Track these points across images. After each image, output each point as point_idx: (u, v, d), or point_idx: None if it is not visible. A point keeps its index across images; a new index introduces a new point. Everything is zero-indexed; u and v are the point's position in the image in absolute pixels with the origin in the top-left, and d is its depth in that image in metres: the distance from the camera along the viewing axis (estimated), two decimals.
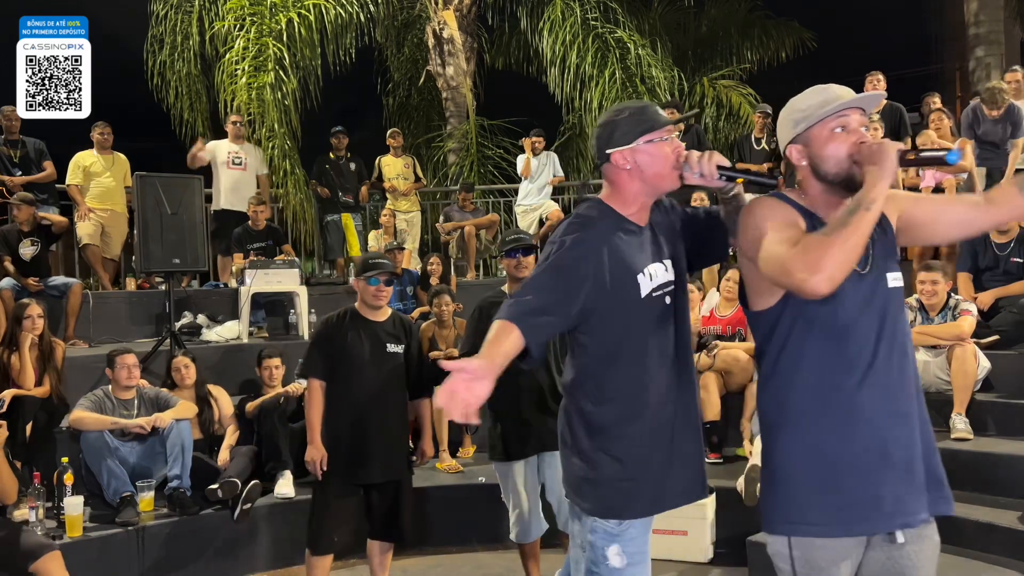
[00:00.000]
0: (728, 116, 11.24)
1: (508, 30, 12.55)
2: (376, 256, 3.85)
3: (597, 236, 2.00)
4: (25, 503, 3.96)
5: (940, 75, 15.09)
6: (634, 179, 2.05)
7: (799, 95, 1.84)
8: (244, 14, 9.85)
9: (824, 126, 1.76)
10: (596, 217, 2.05)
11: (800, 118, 1.80)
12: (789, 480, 1.79)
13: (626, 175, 2.05)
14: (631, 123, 2.04)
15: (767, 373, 1.86)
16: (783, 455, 1.81)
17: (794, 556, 1.79)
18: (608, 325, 2.02)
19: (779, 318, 1.80)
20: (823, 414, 1.76)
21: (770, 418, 1.85)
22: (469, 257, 8.31)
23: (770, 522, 1.84)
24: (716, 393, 5.12)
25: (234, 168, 7.66)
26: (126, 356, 4.59)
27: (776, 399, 1.83)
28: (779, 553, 1.83)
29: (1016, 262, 5.22)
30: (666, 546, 4.39)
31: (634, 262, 2.02)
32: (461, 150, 11.26)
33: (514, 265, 3.66)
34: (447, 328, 5.91)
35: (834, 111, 1.75)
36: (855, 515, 1.74)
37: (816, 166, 1.79)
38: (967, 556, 3.65)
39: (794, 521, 1.78)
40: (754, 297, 1.86)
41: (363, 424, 3.54)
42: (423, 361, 3.79)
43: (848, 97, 1.77)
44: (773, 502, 1.83)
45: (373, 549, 3.74)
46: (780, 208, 1.80)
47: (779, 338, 1.80)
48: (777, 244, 1.68)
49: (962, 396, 4.47)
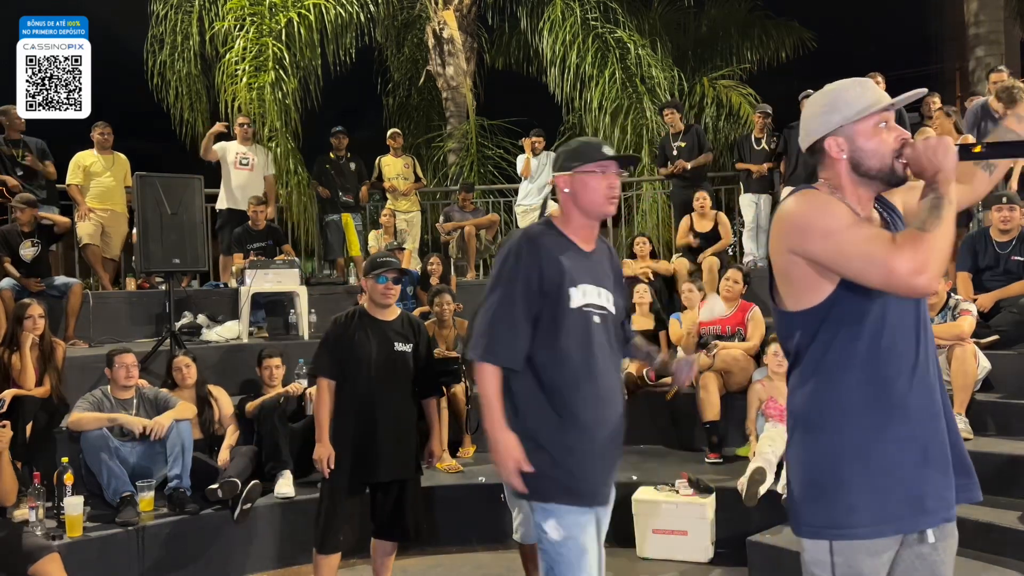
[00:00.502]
0: (728, 116, 11.25)
1: (508, 30, 12.56)
2: (384, 255, 3.85)
3: (539, 248, 2.32)
4: (25, 503, 3.96)
5: (940, 75, 15.10)
6: (571, 203, 2.39)
7: (836, 87, 1.81)
8: (244, 14, 9.84)
9: (868, 121, 1.74)
10: (539, 233, 2.38)
11: (848, 111, 1.76)
12: (837, 483, 1.72)
13: (566, 198, 2.39)
14: (572, 154, 2.39)
15: (806, 373, 1.78)
16: (828, 457, 1.74)
17: (836, 562, 1.72)
18: (543, 330, 2.31)
19: (826, 316, 1.73)
20: (873, 413, 1.71)
21: (811, 419, 1.77)
22: (469, 257, 8.32)
23: (811, 528, 1.75)
24: (716, 393, 5.12)
25: (242, 168, 7.72)
26: (125, 356, 4.59)
27: (820, 399, 1.76)
28: (818, 561, 1.75)
29: (1017, 261, 5.21)
30: (666, 546, 4.39)
31: (570, 276, 2.31)
32: (461, 150, 11.26)
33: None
34: (447, 328, 5.91)
35: (885, 107, 1.74)
36: (903, 513, 1.71)
37: (859, 161, 1.76)
38: (967, 556, 3.64)
39: (841, 525, 1.71)
40: (796, 296, 1.78)
41: (371, 423, 3.54)
42: (432, 361, 3.79)
43: (886, 95, 1.76)
44: (814, 507, 1.74)
45: (377, 549, 3.74)
46: (838, 204, 1.73)
47: (825, 337, 1.74)
48: (867, 242, 1.62)
49: (962, 396, 4.47)
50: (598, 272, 2.43)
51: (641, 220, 10.19)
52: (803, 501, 1.78)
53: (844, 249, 1.65)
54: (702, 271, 6.94)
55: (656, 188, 9.89)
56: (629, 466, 4.88)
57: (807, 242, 1.70)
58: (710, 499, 4.41)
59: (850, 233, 1.65)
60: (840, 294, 1.71)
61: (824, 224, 1.68)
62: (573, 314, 2.31)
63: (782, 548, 3.78)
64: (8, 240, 6.12)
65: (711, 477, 4.60)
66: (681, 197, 7.85)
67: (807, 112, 1.85)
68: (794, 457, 1.83)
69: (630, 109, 10.13)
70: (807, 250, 1.70)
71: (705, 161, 7.90)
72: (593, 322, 2.35)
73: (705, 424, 5.14)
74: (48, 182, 7.07)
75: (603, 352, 2.37)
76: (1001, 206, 5.29)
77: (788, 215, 1.76)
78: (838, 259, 1.67)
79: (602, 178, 2.36)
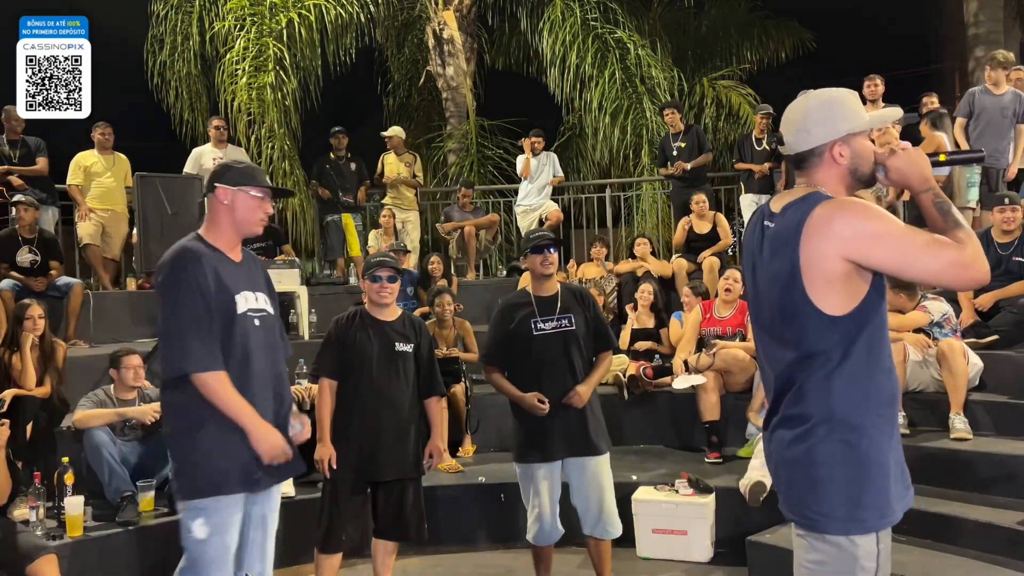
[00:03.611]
0: (728, 116, 11.25)
1: (508, 30, 12.55)
2: (380, 255, 3.85)
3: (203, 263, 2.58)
4: (25, 503, 3.96)
5: (939, 75, 15.09)
6: (228, 216, 2.67)
7: (835, 96, 1.92)
8: (244, 14, 9.86)
9: (867, 132, 1.92)
10: (200, 249, 2.62)
11: (854, 122, 1.88)
12: (884, 472, 1.82)
13: (225, 210, 2.66)
14: (242, 174, 2.70)
15: (841, 371, 1.82)
16: (874, 449, 1.82)
17: (880, 551, 1.82)
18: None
19: (863, 318, 1.82)
20: (893, 405, 1.91)
21: (849, 418, 1.81)
22: (469, 257, 8.32)
23: (861, 522, 1.81)
24: (716, 393, 5.12)
25: None
26: (131, 357, 4.58)
27: (857, 395, 1.83)
28: (869, 552, 1.81)
29: (1018, 261, 5.22)
30: (666, 546, 4.40)
31: (232, 285, 2.62)
32: (461, 150, 11.27)
33: (540, 261, 3.67)
34: (447, 328, 5.91)
35: (886, 121, 1.98)
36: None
37: (856, 167, 1.89)
38: (967, 556, 3.65)
39: (886, 514, 1.83)
40: (841, 300, 1.81)
41: (372, 423, 3.54)
42: (433, 360, 3.79)
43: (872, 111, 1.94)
44: (862, 500, 1.80)
45: (377, 548, 3.74)
46: (877, 208, 1.84)
47: (864, 337, 1.82)
48: (929, 244, 1.74)
49: (956, 396, 4.48)
50: (253, 279, 2.76)
51: (641, 220, 10.20)
52: (847, 499, 1.81)
53: (911, 252, 1.75)
54: (702, 271, 6.94)
55: (656, 188, 9.89)
56: (629, 466, 4.89)
57: (870, 248, 1.76)
58: (710, 499, 4.41)
59: (912, 236, 1.76)
60: (872, 296, 1.82)
61: (886, 230, 1.76)
62: (239, 319, 2.62)
63: (782, 548, 3.77)
64: (6, 246, 6.12)
65: (711, 477, 4.60)
66: (681, 197, 7.86)
67: (802, 116, 1.91)
68: (832, 456, 1.82)
69: (630, 109, 10.14)
70: (869, 256, 1.77)
71: (705, 161, 7.90)
72: (255, 324, 2.67)
73: (705, 424, 5.14)
74: (46, 182, 7.07)
75: (270, 355, 2.73)
76: (1004, 207, 5.29)
77: (840, 224, 1.79)
78: (904, 261, 1.77)
79: (261, 203, 2.70)
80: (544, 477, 3.63)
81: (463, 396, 5.51)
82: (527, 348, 3.64)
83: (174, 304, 2.53)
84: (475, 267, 8.56)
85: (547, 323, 3.65)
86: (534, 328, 3.64)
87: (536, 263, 3.68)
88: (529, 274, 3.89)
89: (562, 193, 9.45)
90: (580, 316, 3.68)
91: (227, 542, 2.59)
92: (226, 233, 2.68)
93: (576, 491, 3.68)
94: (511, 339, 3.69)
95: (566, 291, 3.75)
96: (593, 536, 3.70)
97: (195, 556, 2.57)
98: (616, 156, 10.40)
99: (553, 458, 3.62)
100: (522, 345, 3.65)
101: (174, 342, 2.53)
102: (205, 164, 7.56)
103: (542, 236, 3.71)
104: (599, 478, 3.64)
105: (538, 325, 3.64)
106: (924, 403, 4.74)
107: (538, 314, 3.66)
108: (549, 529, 3.68)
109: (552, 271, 3.70)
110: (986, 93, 6.64)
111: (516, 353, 3.68)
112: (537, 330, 3.64)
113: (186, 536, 2.57)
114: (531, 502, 3.68)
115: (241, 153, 8.03)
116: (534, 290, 3.75)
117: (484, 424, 5.70)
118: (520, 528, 4.02)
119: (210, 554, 2.56)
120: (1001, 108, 6.55)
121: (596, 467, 3.63)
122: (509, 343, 3.70)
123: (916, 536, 3.78)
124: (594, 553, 3.76)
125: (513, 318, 3.69)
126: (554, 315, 3.66)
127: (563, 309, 3.67)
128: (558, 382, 3.59)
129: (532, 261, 3.71)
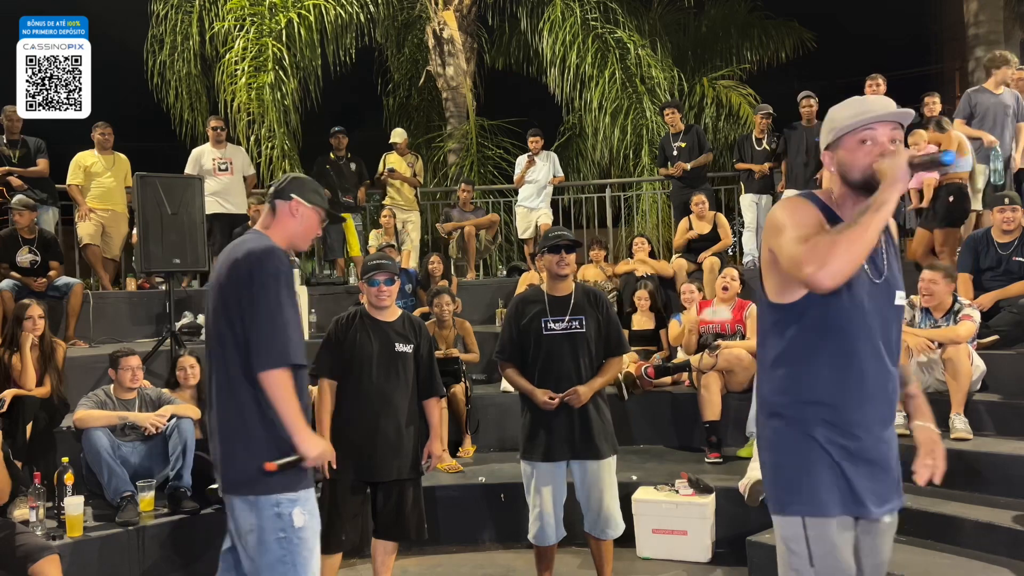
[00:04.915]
0: (728, 116, 11.25)
1: (508, 30, 12.55)
2: (378, 257, 3.85)
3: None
4: (25, 503, 3.96)
5: (940, 75, 15.10)
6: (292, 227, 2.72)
7: (839, 105, 2.00)
8: (244, 14, 9.86)
9: (853, 137, 1.92)
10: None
11: (833, 128, 1.97)
12: (806, 464, 1.96)
13: (292, 221, 2.71)
14: (316, 194, 2.76)
15: (778, 359, 2.00)
16: (799, 441, 1.97)
17: (810, 537, 1.94)
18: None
19: (805, 310, 1.93)
20: (843, 412, 1.99)
21: (775, 407, 2.01)
22: (469, 257, 8.32)
23: (783, 505, 1.99)
24: (717, 393, 5.12)
25: (221, 174, 7.56)
26: (130, 358, 4.58)
27: (787, 385, 2.00)
28: (795, 535, 1.95)
29: (1018, 261, 5.20)
30: (666, 546, 4.39)
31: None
32: (461, 150, 11.27)
33: (555, 262, 3.66)
34: (447, 328, 5.91)
35: (861, 124, 1.90)
36: (873, 497, 2.01)
37: (844, 173, 1.96)
38: (967, 556, 3.65)
39: (813, 503, 1.95)
40: (771, 284, 1.99)
41: (371, 423, 3.54)
42: (433, 361, 3.79)
43: (879, 111, 1.90)
44: (783, 484, 2.00)
45: (377, 549, 3.74)
46: (802, 207, 1.96)
47: (804, 330, 1.94)
48: (794, 241, 1.84)
49: (959, 396, 4.47)
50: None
51: (641, 220, 10.20)
52: (776, 481, 2.02)
53: (780, 248, 1.88)
54: (702, 271, 6.94)
55: (656, 188, 9.89)
56: (629, 466, 4.89)
57: (770, 239, 1.94)
58: (710, 499, 4.41)
59: (788, 233, 1.87)
60: (811, 295, 1.89)
61: (780, 225, 1.90)
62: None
63: None
64: (6, 246, 6.12)
65: (711, 477, 4.60)
66: (681, 197, 7.85)
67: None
68: (762, 440, 2.07)
69: (630, 109, 10.14)
70: (770, 245, 1.94)
71: (705, 161, 7.90)
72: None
73: (705, 424, 5.14)
74: (46, 182, 7.07)
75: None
76: (1004, 207, 5.28)
77: (769, 216, 2.01)
78: (779, 256, 1.89)
79: (319, 227, 2.85)
80: (546, 476, 3.64)
81: (463, 396, 5.50)
82: (536, 346, 3.65)
83: (277, 295, 2.49)
84: (475, 267, 8.56)
85: (557, 323, 3.65)
86: (544, 327, 3.65)
87: (552, 263, 3.68)
88: (535, 274, 3.89)
89: (562, 193, 9.45)
90: (592, 319, 3.67)
91: (319, 526, 2.59)
92: (281, 241, 2.71)
93: (579, 490, 3.69)
94: (522, 336, 3.70)
95: (580, 292, 3.74)
96: (592, 535, 3.71)
97: (294, 545, 2.48)
98: (616, 156, 10.40)
99: (555, 458, 3.62)
100: (531, 343, 3.66)
101: (279, 333, 2.46)
102: (205, 164, 7.55)
103: (560, 236, 3.69)
104: (600, 480, 3.64)
105: (548, 324, 3.65)
106: (929, 403, 4.71)
107: (549, 313, 3.66)
108: (550, 529, 3.68)
109: (567, 272, 3.69)
110: (984, 92, 6.64)
111: (525, 350, 3.70)
112: (547, 329, 3.65)
113: (274, 531, 2.46)
114: (533, 501, 3.68)
115: (241, 152, 8.02)
116: (548, 289, 3.74)
117: (484, 424, 5.71)
118: (521, 528, 4.01)
119: (311, 541, 2.52)
120: (1003, 107, 6.56)
121: (598, 470, 3.63)
122: (520, 340, 3.71)
123: (916, 536, 3.78)
124: (595, 552, 3.76)
125: (525, 315, 3.70)
126: (565, 316, 3.65)
127: (575, 310, 3.67)
128: (563, 383, 3.59)
129: (548, 261, 3.70)
